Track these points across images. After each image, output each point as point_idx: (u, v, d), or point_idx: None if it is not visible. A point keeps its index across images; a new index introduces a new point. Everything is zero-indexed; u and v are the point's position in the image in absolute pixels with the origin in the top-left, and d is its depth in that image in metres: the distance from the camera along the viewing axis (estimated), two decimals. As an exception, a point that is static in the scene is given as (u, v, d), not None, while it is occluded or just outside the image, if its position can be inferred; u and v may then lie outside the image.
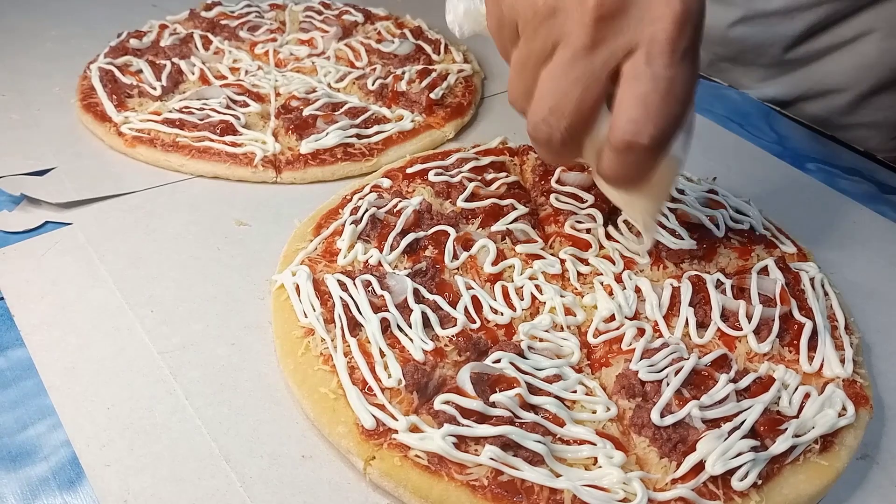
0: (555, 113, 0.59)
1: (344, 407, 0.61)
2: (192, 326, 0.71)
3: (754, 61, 1.20)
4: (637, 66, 0.55)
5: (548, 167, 0.87)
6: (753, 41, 1.17)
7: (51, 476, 0.59)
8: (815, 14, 1.11)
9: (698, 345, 0.69)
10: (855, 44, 1.12)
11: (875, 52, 1.11)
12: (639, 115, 0.55)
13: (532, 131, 0.61)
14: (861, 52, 1.12)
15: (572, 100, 0.58)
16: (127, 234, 0.81)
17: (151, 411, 0.63)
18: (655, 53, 0.55)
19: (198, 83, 1.03)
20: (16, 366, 0.67)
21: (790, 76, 1.18)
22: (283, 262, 0.75)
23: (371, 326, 0.65)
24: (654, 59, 0.55)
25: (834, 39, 1.13)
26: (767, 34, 1.16)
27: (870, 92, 1.14)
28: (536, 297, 0.72)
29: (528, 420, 0.59)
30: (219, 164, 0.89)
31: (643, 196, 0.68)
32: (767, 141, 1.08)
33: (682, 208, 0.81)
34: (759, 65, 1.20)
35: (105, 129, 0.94)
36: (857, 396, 0.65)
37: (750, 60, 1.20)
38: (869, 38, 1.11)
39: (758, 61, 1.20)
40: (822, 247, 0.85)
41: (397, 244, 0.74)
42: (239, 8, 1.21)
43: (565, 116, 0.58)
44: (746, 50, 1.18)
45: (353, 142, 0.92)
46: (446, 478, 0.56)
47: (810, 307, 0.71)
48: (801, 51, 1.15)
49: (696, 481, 0.57)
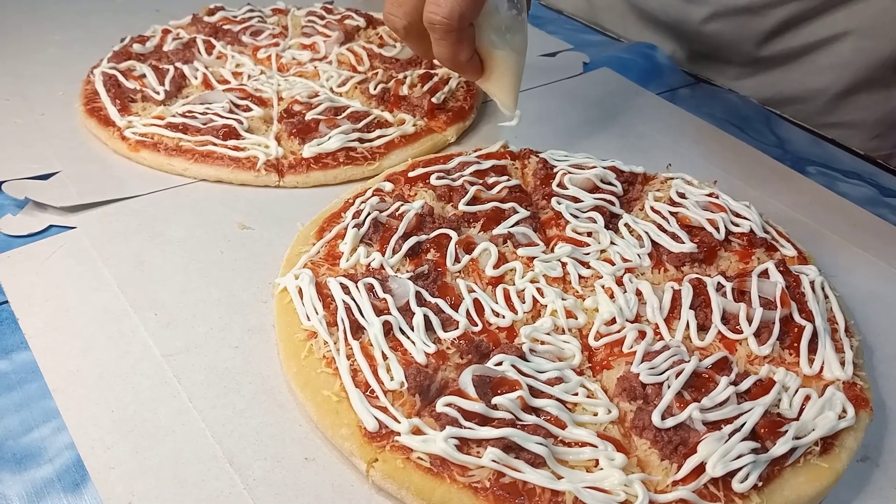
0: (394, 3, 0.75)
1: (347, 409, 0.61)
2: (195, 329, 0.71)
3: (729, 58, 1.23)
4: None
5: (548, 171, 0.87)
6: (726, 37, 1.20)
7: (55, 478, 0.59)
8: (785, 10, 1.14)
9: (699, 347, 0.69)
10: (831, 44, 1.14)
11: (851, 52, 1.13)
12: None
13: (385, 22, 0.78)
14: (837, 52, 1.14)
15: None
16: (130, 238, 0.81)
17: (155, 414, 0.63)
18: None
19: (201, 88, 1.03)
20: (20, 369, 0.67)
21: (767, 75, 1.21)
22: (286, 266, 0.75)
23: (373, 329, 0.65)
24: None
25: (809, 39, 1.15)
26: (740, 30, 1.19)
27: (847, 92, 1.16)
28: (538, 300, 0.72)
29: (530, 422, 0.59)
30: (222, 168, 0.90)
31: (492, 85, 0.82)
32: (768, 144, 1.09)
33: (683, 211, 0.82)
34: (735, 62, 1.23)
35: (109, 134, 0.94)
36: (857, 399, 0.65)
37: (725, 57, 1.23)
38: (845, 39, 1.13)
39: (733, 58, 1.23)
40: (823, 250, 0.86)
41: (399, 247, 0.75)
42: (241, 13, 1.21)
43: (401, 5, 0.75)
44: (720, 46, 1.21)
45: (356, 146, 0.93)
46: (448, 480, 0.57)
47: (811, 310, 0.71)
48: (775, 48, 1.18)
49: (697, 483, 0.57)
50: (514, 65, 0.81)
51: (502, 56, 0.79)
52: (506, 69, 0.80)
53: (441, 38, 0.74)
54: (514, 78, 0.82)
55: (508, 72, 0.81)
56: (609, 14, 1.39)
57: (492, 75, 0.81)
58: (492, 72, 0.80)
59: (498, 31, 0.78)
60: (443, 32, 0.73)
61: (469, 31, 0.75)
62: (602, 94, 1.15)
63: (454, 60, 0.77)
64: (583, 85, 1.18)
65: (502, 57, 0.79)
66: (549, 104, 1.12)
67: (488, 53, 0.79)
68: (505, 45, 0.78)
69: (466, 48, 0.76)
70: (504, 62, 0.80)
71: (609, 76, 1.20)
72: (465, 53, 0.76)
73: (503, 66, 0.80)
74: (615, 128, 1.08)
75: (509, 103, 0.84)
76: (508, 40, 0.78)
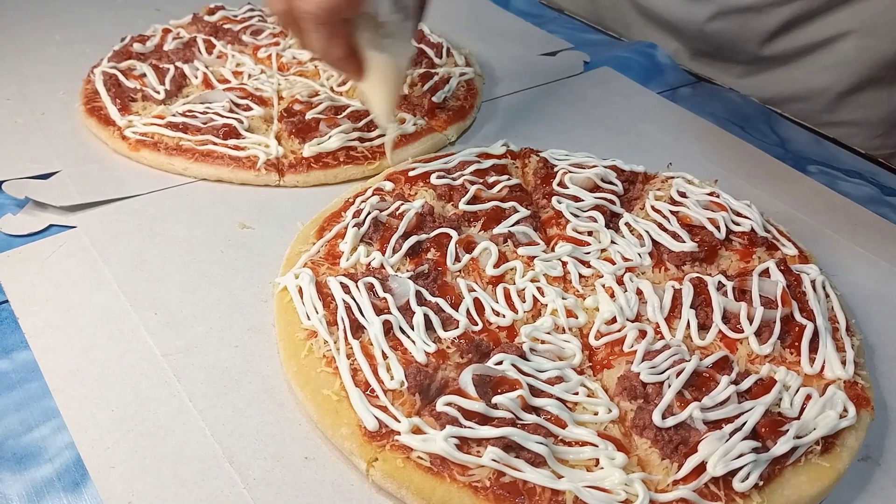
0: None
1: (347, 409, 0.61)
2: (195, 329, 0.71)
3: (732, 57, 1.23)
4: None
5: (549, 170, 0.87)
6: (729, 36, 1.20)
7: (56, 478, 0.59)
8: (789, 10, 1.13)
9: (700, 347, 0.69)
10: (834, 43, 1.14)
11: (854, 51, 1.13)
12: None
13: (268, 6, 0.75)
14: (840, 51, 1.14)
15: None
16: (131, 238, 0.81)
17: (155, 413, 0.63)
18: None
19: (201, 87, 1.03)
20: (21, 368, 0.67)
21: (770, 74, 1.21)
22: (286, 265, 0.75)
23: (373, 329, 0.65)
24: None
25: (812, 38, 1.15)
26: (743, 30, 1.18)
27: (850, 90, 1.16)
28: (538, 300, 0.72)
29: (530, 422, 0.59)
30: (222, 168, 0.90)
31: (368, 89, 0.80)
32: (769, 143, 1.08)
33: (684, 211, 0.82)
34: (738, 61, 1.23)
35: (109, 133, 0.94)
36: (858, 398, 0.65)
37: (728, 56, 1.23)
38: (848, 38, 1.13)
39: (736, 57, 1.22)
40: (824, 249, 0.86)
41: (399, 247, 0.75)
42: (242, 12, 1.21)
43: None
44: (723, 45, 1.21)
45: (356, 145, 0.93)
46: (448, 479, 0.57)
47: (811, 309, 0.71)
48: (778, 47, 1.18)
49: (698, 482, 0.57)
50: (390, 71, 0.78)
51: (380, 60, 0.76)
52: (382, 75, 0.77)
53: (312, 31, 0.70)
54: (390, 84, 0.79)
55: (384, 77, 0.78)
56: (612, 13, 1.39)
57: (368, 79, 0.78)
58: (368, 75, 0.77)
59: (377, 33, 0.75)
60: (312, 24, 0.70)
61: (343, 26, 0.72)
62: (603, 94, 1.15)
63: (326, 56, 0.74)
64: (583, 84, 1.18)
65: (380, 61, 0.76)
66: (550, 103, 1.12)
67: (368, 55, 0.76)
68: (383, 48, 0.75)
69: (340, 45, 0.72)
70: (381, 67, 0.76)
71: (610, 75, 1.20)
72: (338, 51, 0.73)
73: (379, 70, 0.77)
74: (616, 127, 1.08)
75: (381, 111, 0.81)
76: (388, 45, 0.75)
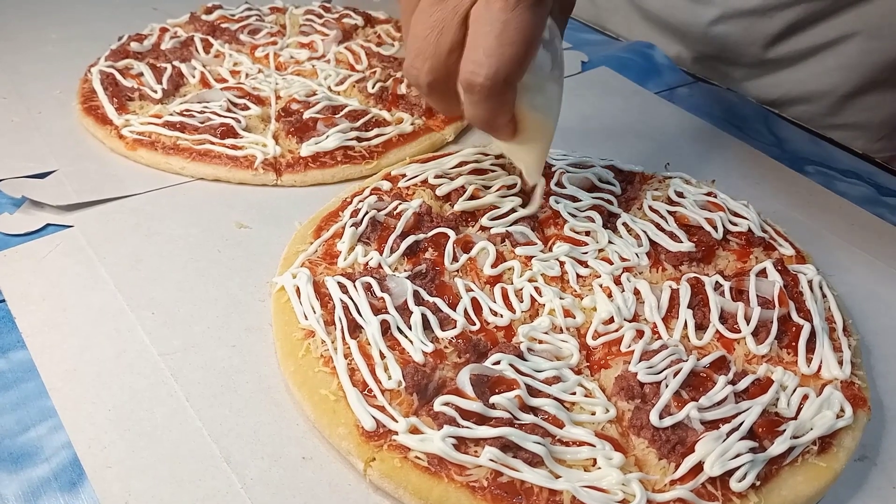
0: (419, 56, 0.63)
1: (344, 408, 0.61)
2: (192, 328, 0.71)
3: (737, 60, 1.22)
4: (479, 11, 0.60)
5: (547, 170, 0.87)
6: (734, 39, 1.19)
7: (52, 478, 0.59)
8: (793, 13, 1.13)
9: (697, 347, 0.69)
10: (838, 45, 1.14)
11: (858, 53, 1.13)
12: (477, 56, 0.60)
13: (406, 75, 0.68)
14: (844, 53, 1.14)
15: (430, 43, 0.62)
16: (128, 237, 0.81)
17: (152, 413, 0.63)
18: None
19: (198, 86, 1.03)
20: (17, 367, 0.67)
21: (774, 76, 1.20)
22: (284, 265, 0.75)
23: (371, 328, 0.65)
24: (492, 4, 0.59)
25: (816, 40, 1.15)
26: (747, 32, 1.18)
27: (854, 92, 1.16)
28: (536, 299, 0.72)
29: (528, 421, 0.59)
30: (219, 167, 0.89)
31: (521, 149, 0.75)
32: (766, 143, 1.08)
33: (681, 211, 0.82)
34: (742, 64, 1.22)
35: (106, 132, 0.94)
36: (855, 398, 0.65)
37: (732, 59, 1.22)
38: (852, 40, 1.13)
39: (740, 60, 1.22)
40: (821, 249, 0.86)
41: (397, 246, 0.75)
42: (239, 11, 1.21)
43: (426, 59, 0.63)
44: (727, 48, 1.21)
45: (353, 144, 0.93)
46: (446, 479, 0.57)
47: (808, 309, 0.71)
48: (782, 50, 1.17)
49: (695, 482, 0.57)
50: (548, 130, 0.73)
51: (538, 120, 0.70)
52: (539, 134, 0.73)
53: (481, 103, 0.63)
54: (546, 144, 0.75)
55: (540, 137, 0.73)
56: (613, 16, 1.38)
57: (522, 139, 0.72)
58: (522, 135, 0.71)
59: (537, 93, 0.68)
60: (482, 97, 0.62)
61: (511, 92, 0.65)
62: (600, 93, 1.15)
63: (491, 124, 0.68)
64: (581, 84, 1.18)
65: (538, 121, 0.70)
66: (548, 103, 1.12)
67: (523, 115, 0.69)
68: (542, 108, 0.70)
69: (507, 111, 0.66)
70: (539, 127, 0.71)
71: (607, 75, 1.20)
72: (505, 117, 0.67)
73: (537, 130, 0.72)
74: (613, 127, 1.08)
75: (534, 168, 0.77)
76: (544, 104, 0.70)
